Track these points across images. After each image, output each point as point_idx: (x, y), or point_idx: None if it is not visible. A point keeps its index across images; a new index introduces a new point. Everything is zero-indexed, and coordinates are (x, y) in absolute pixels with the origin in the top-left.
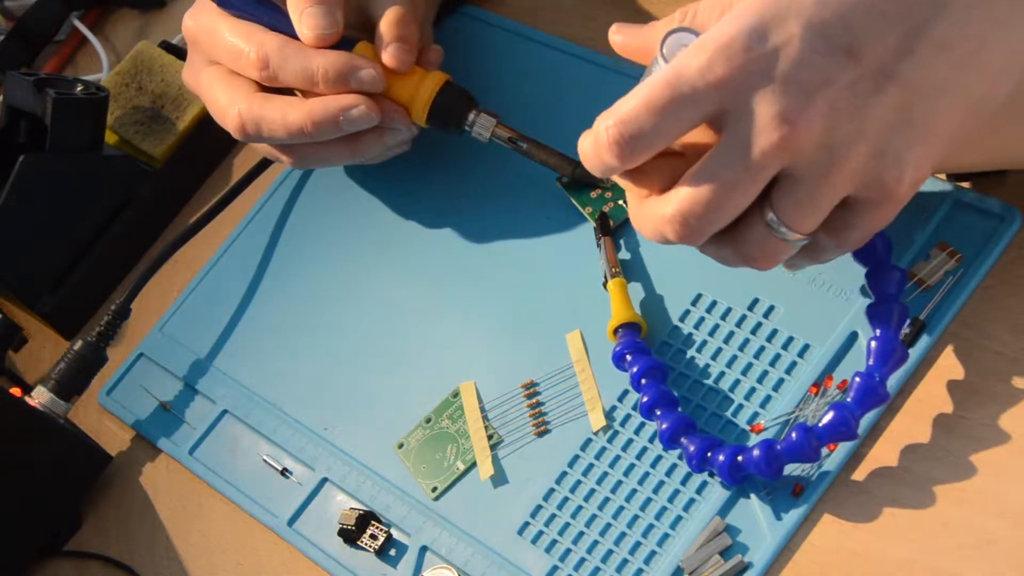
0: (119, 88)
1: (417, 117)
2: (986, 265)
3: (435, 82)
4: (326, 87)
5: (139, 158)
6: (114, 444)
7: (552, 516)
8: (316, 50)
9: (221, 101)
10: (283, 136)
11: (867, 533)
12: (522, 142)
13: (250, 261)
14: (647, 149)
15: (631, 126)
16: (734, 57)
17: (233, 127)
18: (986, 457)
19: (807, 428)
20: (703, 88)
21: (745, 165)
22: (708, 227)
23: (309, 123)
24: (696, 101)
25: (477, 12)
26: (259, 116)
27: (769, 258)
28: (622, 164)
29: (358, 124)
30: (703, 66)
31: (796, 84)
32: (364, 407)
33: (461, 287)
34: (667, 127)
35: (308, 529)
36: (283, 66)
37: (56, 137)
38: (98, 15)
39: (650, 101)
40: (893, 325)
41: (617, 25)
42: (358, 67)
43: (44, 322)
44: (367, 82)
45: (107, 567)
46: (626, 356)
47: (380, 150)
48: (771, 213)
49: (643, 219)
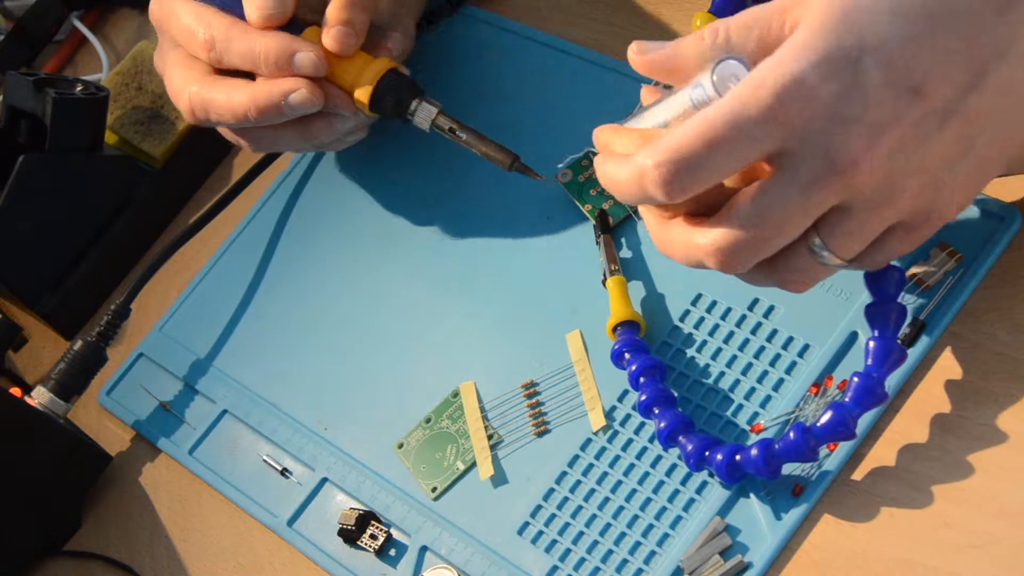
0: (119, 88)
1: (359, 103)
2: (986, 265)
3: (378, 68)
4: (268, 70)
5: (139, 158)
6: (114, 444)
7: (552, 516)
8: (261, 32)
9: (176, 83)
10: (230, 120)
11: (867, 533)
12: (462, 132)
13: (250, 261)
14: (698, 186)
15: (684, 163)
16: (801, 97)
17: (184, 109)
18: (985, 457)
19: (805, 428)
20: (766, 127)
21: (802, 203)
22: (753, 260)
23: (252, 107)
24: (757, 140)
25: (477, 12)
26: (207, 99)
27: (806, 282)
28: (668, 200)
29: (300, 109)
30: (768, 105)
31: (863, 124)
32: (364, 407)
33: (460, 287)
34: (722, 164)
35: (308, 529)
36: (228, 48)
37: (56, 137)
38: (98, 15)
39: (708, 139)
40: (892, 325)
41: (637, 43)
42: (297, 50)
43: (44, 322)
44: (306, 66)
45: (107, 567)
46: (624, 354)
47: (333, 136)
48: (817, 238)
49: (673, 244)
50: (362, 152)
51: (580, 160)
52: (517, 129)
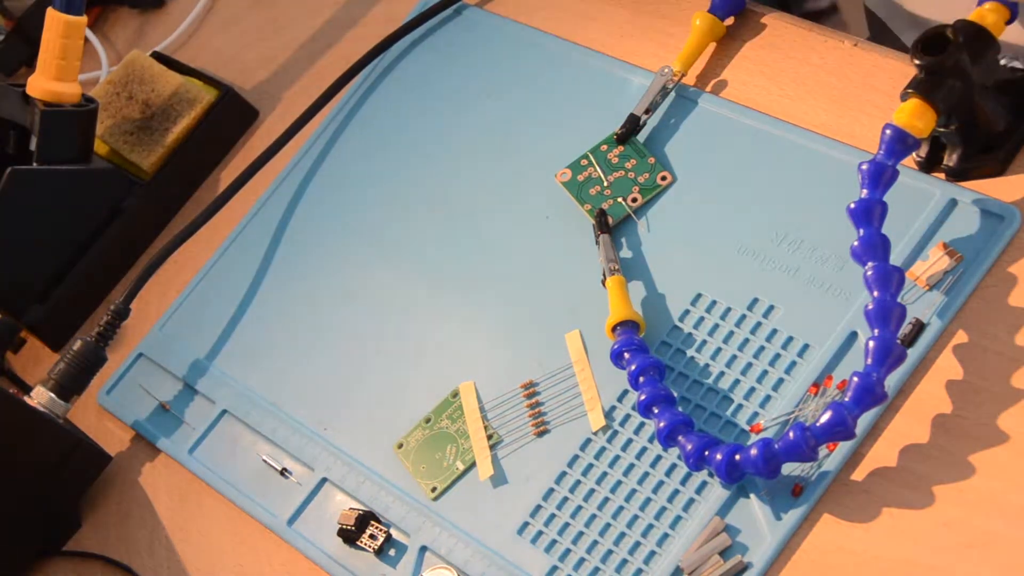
0: (109, 97)
1: None
2: (986, 265)
3: None
4: None
5: (128, 169)
6: (114, 444)
7: (552, 516)
8: None
9: None
10: None
11: (867, 533)
12: None
13: (249, 261)
14: None
15: None
16: None
17: None
18: (985, 457)
19: (804, 427)
20: None
21: None
22: None
23: None
24: None
25: (477, 12)
26: None
27: None
28: None
29: None
30: None
31: None
32: (364, 407)
33: (460, 287)
34: None
35: (308, 529)
36: None
37: (44, 150)
38: (98, 15)
39: None
40: (891, 325)
41: None
42: None
43: (32, 333)
44: None
45: (107, 567)
46: (624, 354)
47: None
48: None
49: None
50: (361, 153)
51: (579, 160)
52: (517, 129)
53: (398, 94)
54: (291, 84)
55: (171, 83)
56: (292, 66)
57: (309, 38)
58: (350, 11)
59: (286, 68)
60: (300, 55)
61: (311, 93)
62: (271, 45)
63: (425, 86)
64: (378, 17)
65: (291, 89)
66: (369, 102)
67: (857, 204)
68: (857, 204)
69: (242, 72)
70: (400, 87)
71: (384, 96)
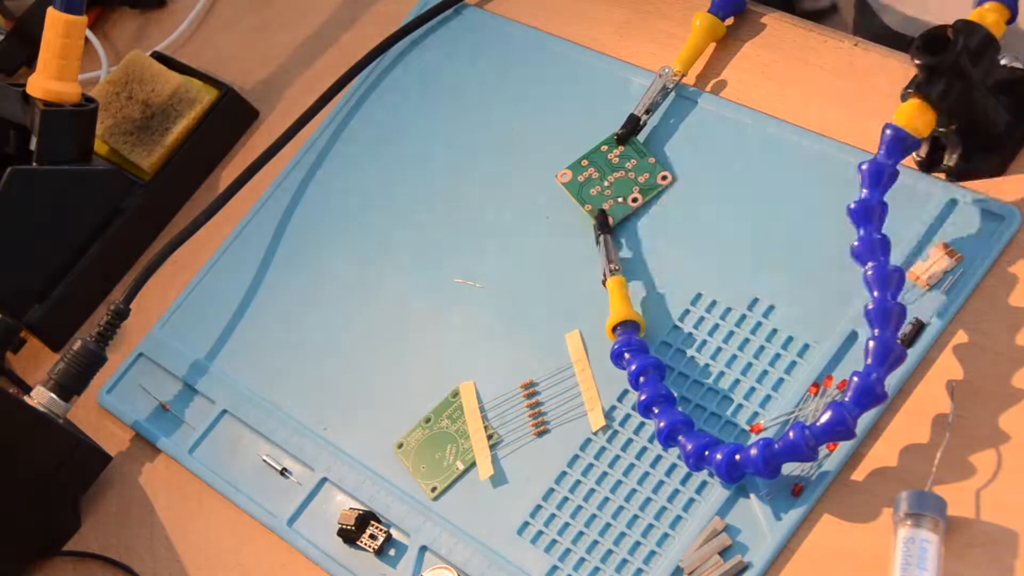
0: (109, 97)
1: None
2: (986, 265)
3: None
4: None
5: (128, 169)
6: (114, 444)
7: (552, 516)
8: None
9: None
10: None
11: (867, 533)
12: None
13: (249, 261)
14: None
15: None
16: None
17: None
18: (985, 457)
19: (804, 427)
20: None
21: None
22: None
23: None
24: None
25: (477, 12)
26: None
27: None
28: None
29: None
30: None
31: None
32: (364, 407)
33: (460, 287)
34: None
35: (308, 529)
36: None
37: (44, 150)
38: (98, 15)
39: None
40: (891, 325)
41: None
42: None
43: (31, 333)
44: None
45: (107, 567)
46: (624, 354)
47: None
48: None
49: None
50: (361, 153)
51: (580, 160)
52: (518, 129)
53: (398, 94)
54: (291, 84)
55: (171, 83)
56: (292, 66)
57: (309, 38)
58: (350, 11)
59: (286, 68)
60: (300, 55)
61: (311, 93)
62: (271, 45)
63: (425, 86)
64: (378, 17)
65: (291, 89)
66: (369, 102)
67: (857, 204)
68: (857, 204)
69: (242, 72)
70: (400, 87)
71: (384, 96)
